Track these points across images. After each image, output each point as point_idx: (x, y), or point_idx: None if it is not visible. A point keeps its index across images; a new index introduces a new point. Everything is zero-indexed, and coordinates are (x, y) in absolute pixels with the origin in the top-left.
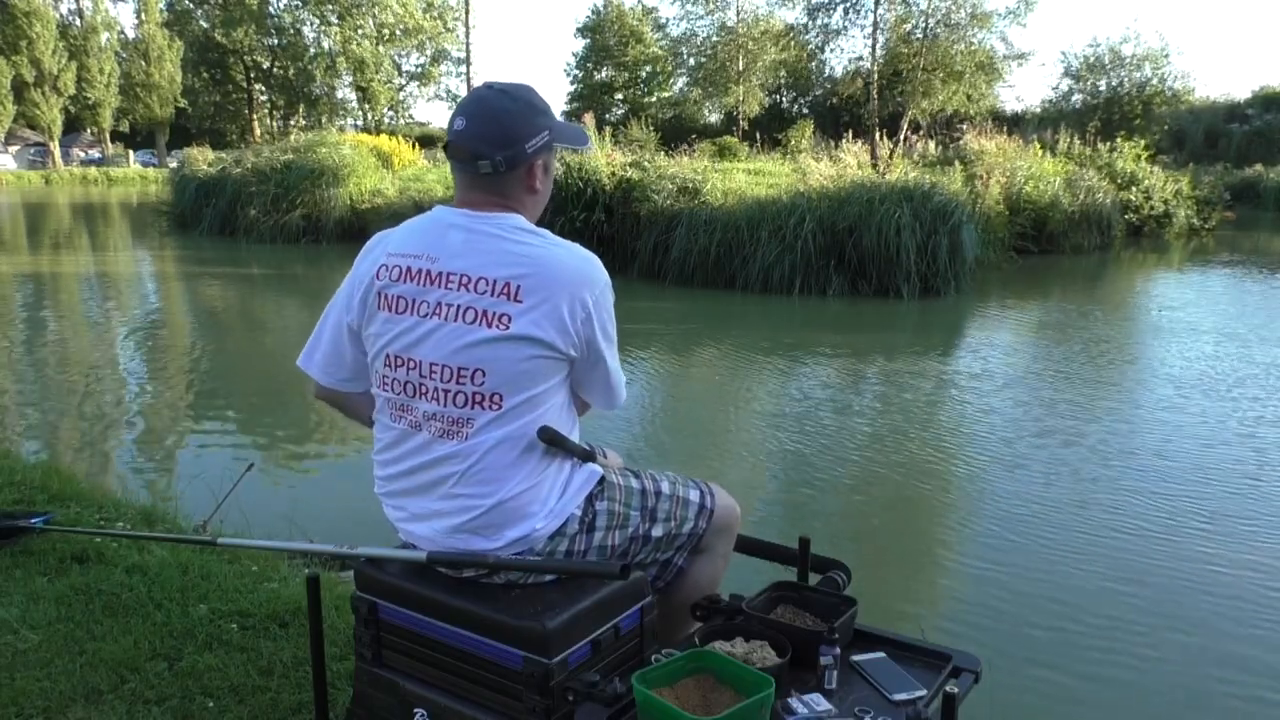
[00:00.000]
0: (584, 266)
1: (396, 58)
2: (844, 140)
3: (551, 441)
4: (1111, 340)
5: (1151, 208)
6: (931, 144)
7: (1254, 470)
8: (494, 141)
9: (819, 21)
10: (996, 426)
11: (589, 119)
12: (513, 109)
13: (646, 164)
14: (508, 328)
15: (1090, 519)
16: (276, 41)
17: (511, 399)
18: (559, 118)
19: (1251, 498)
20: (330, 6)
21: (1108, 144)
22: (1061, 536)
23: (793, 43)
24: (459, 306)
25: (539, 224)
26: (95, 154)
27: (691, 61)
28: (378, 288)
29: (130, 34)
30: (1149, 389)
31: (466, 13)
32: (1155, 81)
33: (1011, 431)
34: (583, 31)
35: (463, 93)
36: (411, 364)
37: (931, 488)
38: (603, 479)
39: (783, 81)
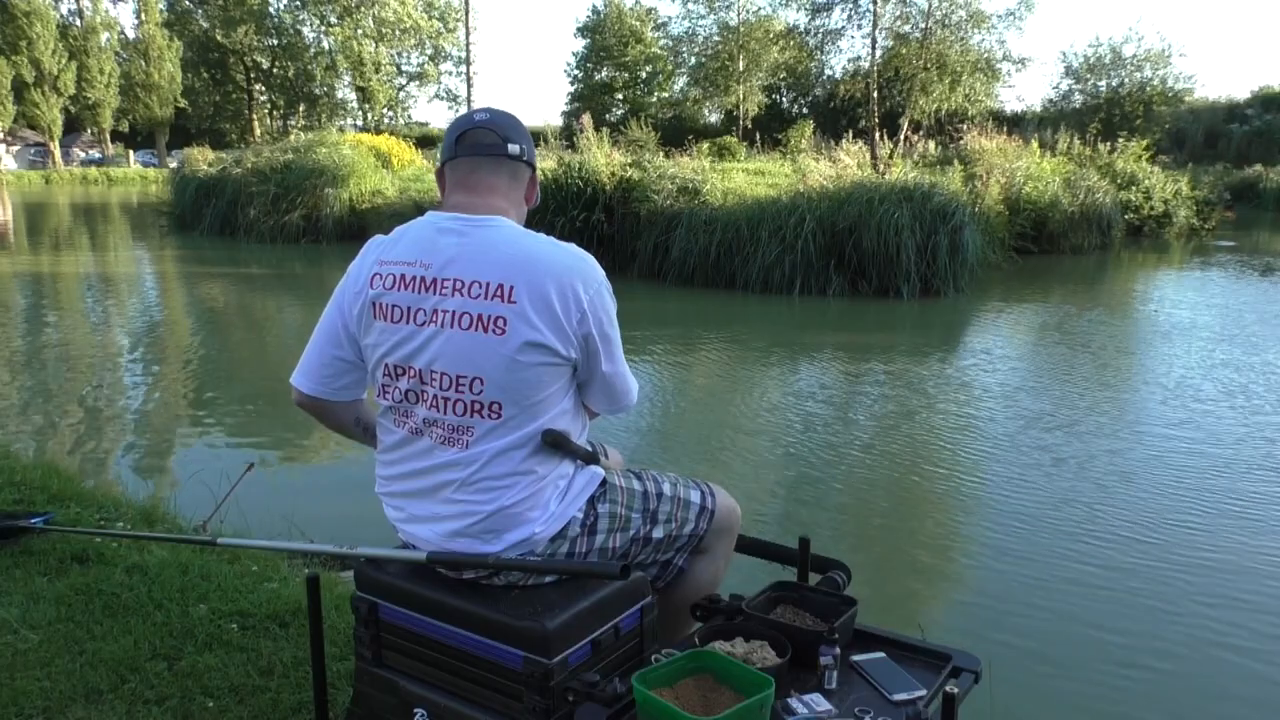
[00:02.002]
0: (576, 263)
1: (396, 57)
2: (844, 140)
3: (555, 444)
4: (1111, 341)
5: (1151, 208)
6: (931, 144)
7: (1252, 474)
8: (520, 134)
9: (818, 22)
10: (997, 427)
11: (587, 119)
12: (520, 122)
13: (646, 164)
14: (504, 332)
15: (1090, 520)
16: (276, 41)
17: (511, 407)
18: (558, 120)
19: (1250, 502)
20: (330, 6)
21: (1108, 144)
22: (1062, 537)
23: (793, 43)
24: (455, 313)
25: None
26: (95, 154)
27: (692, 61)
28: (371, 297)
29: (130, 34)
30: (1149, 391)
31: (467, 13)
32: (1156, 82)
33: (1012, 432)
34: (583, 31)
35: (463, 93)
36: (411, 372)
37: (932, 488)
38: (604, 481)
39: (783, 82)
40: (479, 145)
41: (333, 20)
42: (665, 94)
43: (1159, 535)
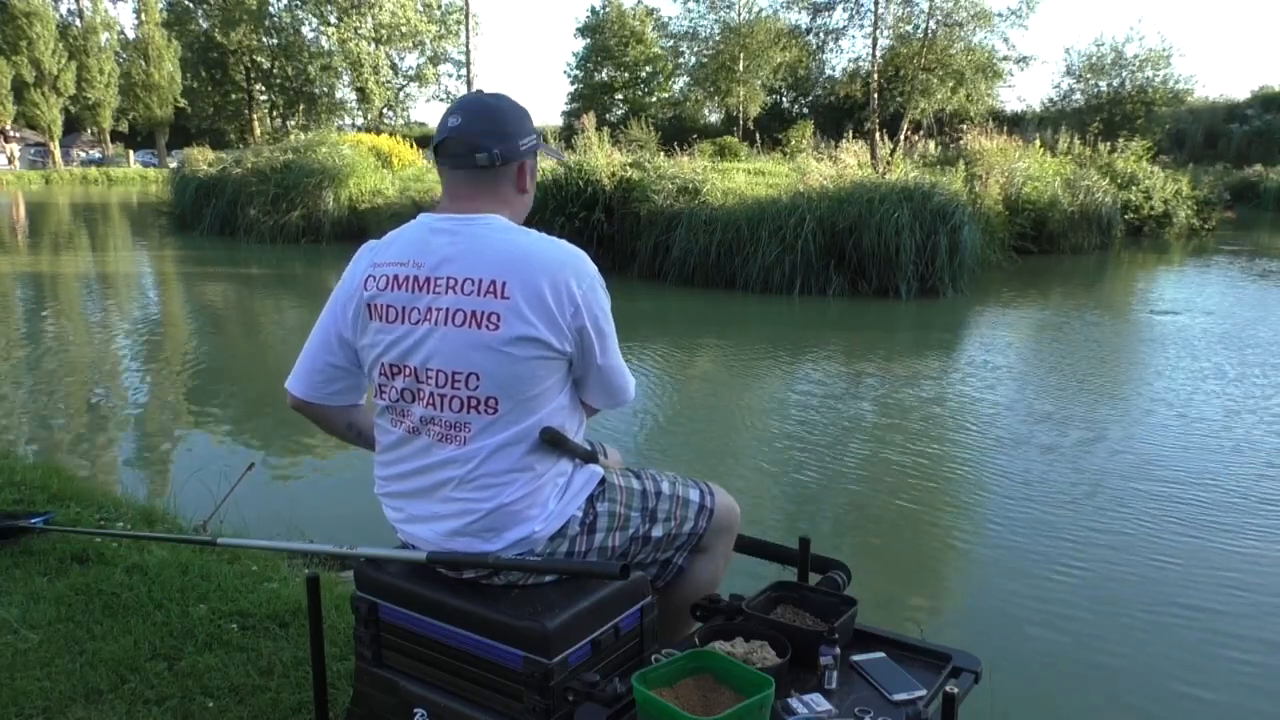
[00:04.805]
0: (568, 259)
1: (395, 58)
2: (844, 140)
3: (553, 443)
4: (1108, 344)
5: (1151, 208)
6: (932, 144)
7: (1251, 474)
8: (491, 134)
9: (819, 21)
10: (996, 428)
11: (589, 119)
12: (505, 108)
13: (646, 164)
14: (497, 327)
15: (1090, 520)
16: (276, 41)
17: (508, 403)
18: (558, 120)
19: (1248, 501)
20: (329, 6)
21: (1108, 144)
22: (1062, 536)
23: (794, 43)
24: (448, 310)
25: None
26: (95, 154)
27: (693, 60)
28: (366, 299)
29: (130, 34)
30: (1147, 392)
31: (467, 15)
32: (1158, 82)
33: (1011, 433)
34: (583, 32)
35: (462, 94)
36: (407, 371)
37: (931, 488)
38: (604, 480)
39: (783, 82)
40: (451, 156)
41: (331, 20)
42: (665, 94)
43: (1158, 537)
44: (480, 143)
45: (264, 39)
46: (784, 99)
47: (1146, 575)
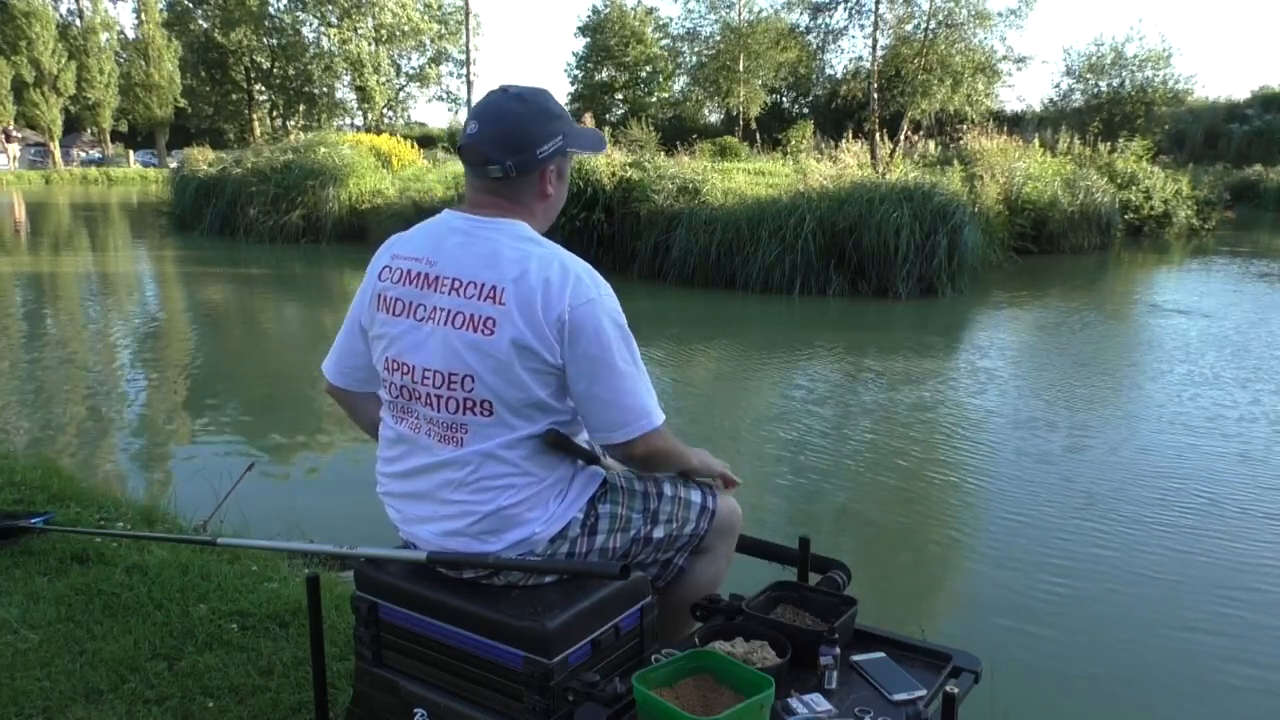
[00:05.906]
0: (570, 275)
1: (396, 58)
2: (844, 140)
3: (556, 444)
4: (1109, 344)
5: (1151, 208)
6: (931, 144)
7: (1249, 473)
8: (505, 146)
9: (820, 21)
10: (995, 429)
11: (589, 119)
12: (525, 114)
13: (646, 164)
14: (492, 333)
15: (1090, 520)
16: (276, 41)
17: (503, 406)
18: None
19: (1247, 500)
20: (330, 7)
21: (1108, 144)
22: (1062, 537)
23: (794, 42)
24: (449, 311)
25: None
26: (95, 154)
27: (694, 60)
28: (379, 289)
29: (130, 34)
30: (1146, 393)
31: (467, 16)
32: (1158, 82)
33: (1010, 434)
34: (583, 31)
35: (463, 94)
36: (407, 368)
37: (931, 488)
38: (605, 481)
39: (784, 82)
40: (469, 163)
41: (332, 20)
42: (665, 94)
43: (1161, 536)
44: (493, 155)
45: (264, 39)
46: (784, 99)
47: (1144, 576)
